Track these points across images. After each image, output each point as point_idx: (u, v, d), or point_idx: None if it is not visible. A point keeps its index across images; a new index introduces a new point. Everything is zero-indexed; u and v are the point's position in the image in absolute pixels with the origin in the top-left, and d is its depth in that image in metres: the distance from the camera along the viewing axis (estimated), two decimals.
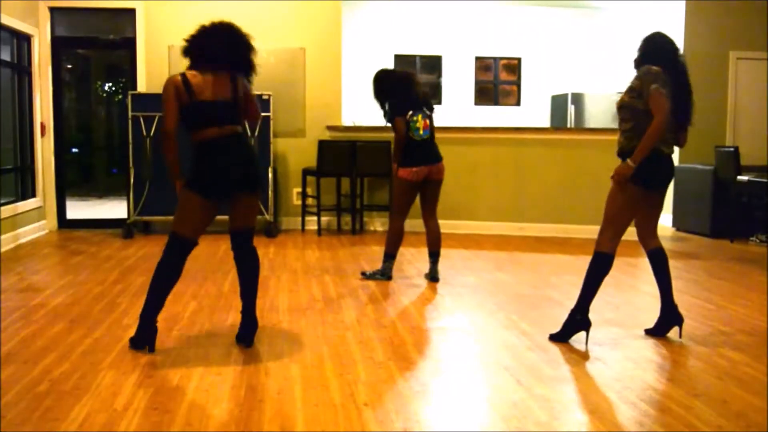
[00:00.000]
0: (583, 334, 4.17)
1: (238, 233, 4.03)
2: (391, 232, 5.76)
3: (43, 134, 8.25)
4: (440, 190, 5.78)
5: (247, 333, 4.04)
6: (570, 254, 4.21)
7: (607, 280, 4.08)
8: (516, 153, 8.51)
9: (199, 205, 3.85)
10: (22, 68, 8.00)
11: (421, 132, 5.57)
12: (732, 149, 8.28)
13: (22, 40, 7.97)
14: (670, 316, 4.28)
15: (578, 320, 4.16)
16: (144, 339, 3.92)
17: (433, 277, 5.83)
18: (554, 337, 4.21)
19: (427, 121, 5.62)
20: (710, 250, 7.76)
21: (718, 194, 8.49)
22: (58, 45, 8.43)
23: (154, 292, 3.92)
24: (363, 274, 5.92)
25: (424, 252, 5.93)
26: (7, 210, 7.28)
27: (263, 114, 8.09)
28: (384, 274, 5.81)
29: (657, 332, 4.31)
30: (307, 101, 8.69)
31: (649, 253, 4.31)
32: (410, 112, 5.56)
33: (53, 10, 8.30)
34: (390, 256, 5.82)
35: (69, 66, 12.53)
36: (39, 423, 2.97)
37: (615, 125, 11.83)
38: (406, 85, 5.70)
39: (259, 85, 8.33)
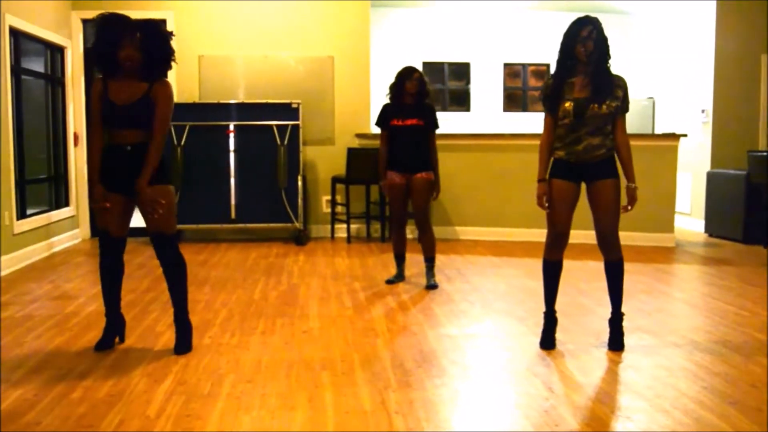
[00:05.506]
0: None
1: (151, 237, 4.06)
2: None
3: (76, 144, 8.37)
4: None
5: (179, 340, 4.08)
6: (600, 260, 4.18)
7: (639, 286, 4.04)
8: None
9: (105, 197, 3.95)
10: (55, 79, 8.13)
11: None
12: (765, 154, 8.17)
13: (55, 52, 8.12)
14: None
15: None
16: (108, 329, 4.11)
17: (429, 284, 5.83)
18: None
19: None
20: (743, 255, 7.65)
21: (751, 199, 8.37)
22: (90, 56, 8.55)
23: (102, 289, 4.14)
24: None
25: (452, 258, 5.92)
26: (41, 219, 7.40)
27: (292, 122, 8.19)
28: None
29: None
30: (336, 109, 8.73)
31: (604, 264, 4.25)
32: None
33: (86, 22, 8.43)
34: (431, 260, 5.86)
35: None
36: (73, 430, 3.01)
37: (647, 131, 11.62)
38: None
39: (288, 94, 8.50)
